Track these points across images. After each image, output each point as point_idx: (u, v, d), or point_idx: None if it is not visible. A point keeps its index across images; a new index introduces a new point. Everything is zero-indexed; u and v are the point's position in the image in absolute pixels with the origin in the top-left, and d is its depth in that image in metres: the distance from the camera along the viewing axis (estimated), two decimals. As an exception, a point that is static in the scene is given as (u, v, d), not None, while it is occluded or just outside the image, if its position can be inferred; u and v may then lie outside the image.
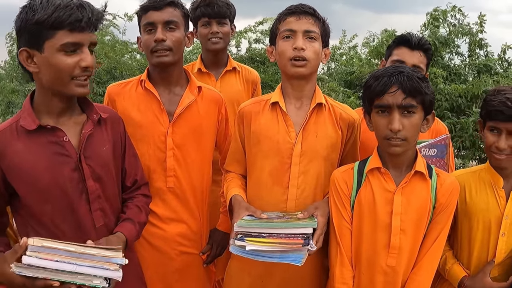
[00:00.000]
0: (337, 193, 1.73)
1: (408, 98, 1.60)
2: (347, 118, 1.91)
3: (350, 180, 1.73)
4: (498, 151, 1.74)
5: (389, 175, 1.69)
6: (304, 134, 1.85)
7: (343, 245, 1.72)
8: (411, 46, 2.24)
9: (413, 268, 1.70)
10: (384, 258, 1.67)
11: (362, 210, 1.70)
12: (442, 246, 1.71)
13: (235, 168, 2.04)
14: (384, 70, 1.66)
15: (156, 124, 2.02)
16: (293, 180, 1.84)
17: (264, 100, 1.95)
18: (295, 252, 1.55)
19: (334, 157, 1.90)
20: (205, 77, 2.66)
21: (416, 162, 1.70)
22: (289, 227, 1.59)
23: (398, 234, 1.65)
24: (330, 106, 1.92)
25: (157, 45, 1.96)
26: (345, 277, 1.70)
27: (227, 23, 2.67)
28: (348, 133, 1.92)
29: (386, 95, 1.61)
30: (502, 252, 1.78)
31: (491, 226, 1.78)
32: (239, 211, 1.76)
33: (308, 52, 1.79)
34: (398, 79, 1.60)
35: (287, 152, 1.85)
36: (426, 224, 1.68)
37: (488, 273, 1.77)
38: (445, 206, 1.68)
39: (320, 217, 1.70)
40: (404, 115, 1.62)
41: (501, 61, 5.15)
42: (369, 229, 1.69)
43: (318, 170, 1.85)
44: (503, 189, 1.79)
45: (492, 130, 1.77)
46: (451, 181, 1.72)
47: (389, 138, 1.62)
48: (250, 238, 1.58)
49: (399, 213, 1.66)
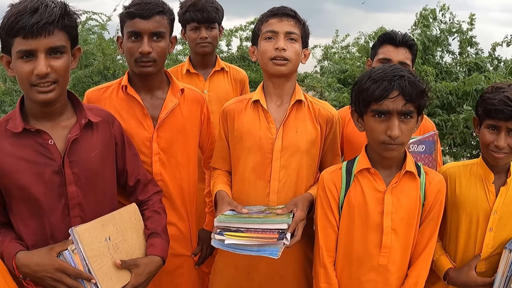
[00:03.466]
0: (325, 194, 1.76)
1: (408, 104, 1.59)
2: (326, 114, 1.98)
3: (338, 181, 1.76)
4: (497, 149, 1.74)
5: (379, 175, 1.71)
6: (284, 130, 1.93)
7: (327, 247, 1.75)
8: (395, 43, 2.29)
9: (410, 266, 1.73)
10: (376, 257, 1.70)
11: (352, 210, 1.72)
12: (435, 242, 1.76)
13: (221, 165, 2.10)
14: (382, 72, 1.62)
15: (140, 129, 2.00)
16: (274, 174, 1.92)
17: (246, 99, 2.02)
18: (272, 246, 1.63)
19: (314, 151, 1.97)
20: (194, 78, 2.72)
21: (406, 161, 1.72)
22: (265, 223, 1.68)
23: (389, 234, 1.69)
24: (310, 103, 1.99)
25: (142, 56, 1.92)
26: (329, 276, 1.75)
27: (215, 27, 2.72)
28: (327, 129, 1.99)
29: (387, 100, 1.58)
30: (489, 247, 1.81)
31: (479, 220, 1.81)
32: (222, 206, 1.84)
33: (289, 53, 1.87)
34: (399, 84, 1.58)
35: (269, 148, 1.92)
36: (417, 222, 1.72)
37: (473, 267, 1.80)
38: (434, 204, 1.71)
39: (298, 212, 1.77)
40: (402, 120, 1.61)
41: (491, 59, 5.19)
42: (360, 229, 1.72)
43: (298, 164, 1.93)
44: (493, 184, 1.82)
45: (490, 128, 1.77)
46: (439, 179, 1.75)
47: (386, 143, 1.62)
48: (229, 233, 1.68)
49: (390, 212, 1.68)
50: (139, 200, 1.86)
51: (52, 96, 1.54)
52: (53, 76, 1.52)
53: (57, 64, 1.52)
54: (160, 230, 1.79)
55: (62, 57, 1.54)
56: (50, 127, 1.61)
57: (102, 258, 1.55)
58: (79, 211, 1.64)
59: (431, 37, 4.61)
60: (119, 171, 1.83)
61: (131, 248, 1.68)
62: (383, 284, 1.70)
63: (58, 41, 1.52)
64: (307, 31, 1.98)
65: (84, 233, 1.51)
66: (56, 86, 1.55)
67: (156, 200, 1.89)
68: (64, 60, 1.55)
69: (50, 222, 1.60)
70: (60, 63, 1.53)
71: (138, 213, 1.78)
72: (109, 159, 1.75)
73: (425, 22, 4.61)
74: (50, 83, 1.52)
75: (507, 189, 1.81)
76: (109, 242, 1.59)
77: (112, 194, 1.80)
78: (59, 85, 1.55)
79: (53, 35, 1.50)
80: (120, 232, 1.65)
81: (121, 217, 1.69)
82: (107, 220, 1.62)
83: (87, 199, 1.66)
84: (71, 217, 1.63)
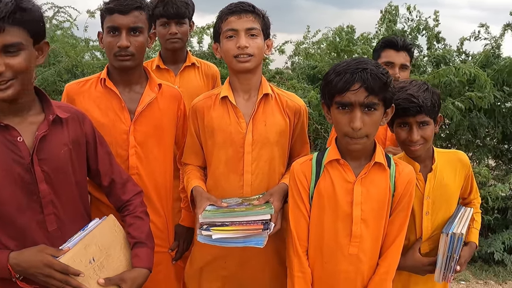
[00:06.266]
0: (296, 185, 1.78)
1: (371, 96, 1.60)
2: (293, 105, 2.04)
3: (308, 171, 1.78)
4: (413, 143, 1.84)
5: (348, 167, 1.74)
6: (254, 123, 1.97)
7: (299, 236, 1.78)
8: (397, 48, 2.51)
9: (381, 255, 1.77)
10: (346, 246, 1.73)
11: (322, 200, 1.75)
12: (405, 232, 1.79)
13: (193, 160, 2.12)
14: (346, 65, 1.65)
15: (118, 122, 2.04)
16: (247, 167, 1.96)
17: (214, 94, 2.04)
18: (257, 236, 1.70)
19: (284, 142, 2.02)
20: (164, 74, 2.71)
21: (375, 153, 1.74)
22: (249, 215, 1.73)
23: (359, 223, 1.71)
24: (277, 95, 2.04)
25: (120, 50, 1.97)
26: (303, 265, 1.77)
27: (185, 23, 2.71)
28: (295, 119, 2.04)
29: (348, 92, 1.60)
30: (429, 229, 1.92)
31: (414, 208, 1.88)
32: (201, 202, 1.85)
33: (251, 49, 1.91)
34: (361, 76, 1.59)
35: (240, 142, 1.96)
36: (387, 213, 1.75)
37: (417, 249, 1.90)
38: (404, 195, 1.74)
39: (276, 202, 1.83)
40: (365, 112, 1.63)
41: (459, 52, 5.32)
42: (330, 219, 1.74)
43: (270, 156, 1.98)
44: (420, 173, 1.91)
45: (402, 126, 1.88)
46: (409, 170, 1.78)
47: (351, 135, 1.64)
48: (215, 228, 1.71)
49: (360, 203, 1.71)
50: (122, 200, 1.86)
51: (9, 93, 1.50)
52: (8, 74, 1.48)
53: (13, 62, 1.48)
54: (144, 238, 1.78)
55: (18, 54, 1.48)
56: (18, 122, 1.58)
57: (89, 281, 1.56)
58: (53, 209, 1.62)
59: (397, 32, 4.71)
60: (92, 172, 1.82)
61: (116, 263, 1.69)
62: (355, 273, 1.73)
63: (12, 38, 1.46)
64: (267, 23, 2.01)
65: (69, 262, 1.51)
66: (14, 83, 1.50)
67: (137, 203, 1.87)
68: (22, 57, 1.49)
69: (23, 221, 1.58)
70: (17, 61, 1.48)
71: (117, 224, 1.77)
72: (80, 157, 1.73)
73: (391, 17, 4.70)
74: (6, 81, 1.48)
75: (434, 174, 1.92)
76: (94, 263, 1.59)
77: (84, 192, 1.79)
78: (18, 81, 1.51)
79: (5, 33, 1.44)
80: (103, 250, 1.65)
81: (102, 233, 1.68)
82: (89, 240, 1.61)
83: (59, 196, 1.64)
84: (45, 215, 1.61)
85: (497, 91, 4.56)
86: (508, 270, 4.50)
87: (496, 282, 4.31)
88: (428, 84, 1.91)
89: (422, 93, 1.83)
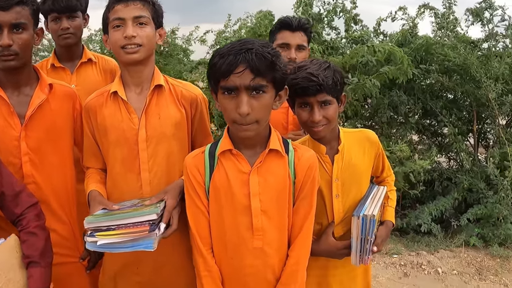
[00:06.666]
0: (189, 180, 1.66)
1: (257, 78, 1.48)
2: (189, 95, 1.93)
3: (201, 164, 1.66)
4: (315, 124, 1.76)
5: (242, 156, 1.62)
6: (147, 118, 1.85)
7: (201, 234, 1.67)
8: (292, 28, 2.41)
9: (290, 245, 1.68)
10: (250, 240, 1.62)
11: (219, 194, 1.63)
12: (313, 219, 1.71)
13: (93, 163, 1.99)
14: (230, 46, 1.52)
15: (7, 128, 1.88)
16: (143, 165, 1.85)
17: (106, 91, 1.91)
18: (145, 238, 1.57)
19: (182, 135, 1.91)
20: (60, 72, 2.56)
21: (270, 139, 1.64)
22: (134, 216, 1.59)
23: (259, 215, 1.60)
24: (171, 85, 1.93)
25: (3, 50, 1.82)
26: (208, 264, 1.66)
27: (78, 16, 2.54)
28: (192, 110, 1.93)
29: (233, 75, 1.47)
30: (340, 212, 1.86)
31: (323, 191, 1.82)
32: (93, 207, 1.74)
33: (139, 38, 1.79)
34: (245, 57, 1.46)
35: (133, 139, 1.84)
36: (289, 201, 1.65)
37: (330, 233, 1.84)
38: (306, 181, 1.65)
39: (169, 200, 1.71)
40: (253, 96, 1.50)
41: (377, 33, 5.42)
42: (229, 213, 1.63)
43: (167, 151, 1.87)
44: (327, 155, 1.84)
45: (303, 106, 1.78)
46: (309, 155, 1.68)
47: (239, 122, 1.52)
48: (101, 233, 1.58)
49: (257, 194, 1.60)
50: (15, 214, 1.73)
51: None
52: None
53: None
54: (37, 257, 1.67)
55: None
56: None
57: None
58: None
59: (313, 15, 4.71)
60: None
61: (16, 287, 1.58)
62: (264, 267, 1.64)
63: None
64: (159, 11, 1.89)
65: None
66: None
67: (31, 217, 1.74)
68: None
69: None
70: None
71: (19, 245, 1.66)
72: None
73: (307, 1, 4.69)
74: None
75: (342, 155, 1.85)
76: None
77: None
78: None
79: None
80: (3, 275, 1.54)
81: (2, 258, 1.56)
82: None
83: None
84: None
85: (415, 68, 4.69)
86: (439, 239, 4.66)
87: (428, 252, 4.44)
88: (331, 63, 1.83)
89: (323, 71, 1.73)
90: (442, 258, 4.33)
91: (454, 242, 4.60)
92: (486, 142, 5.46)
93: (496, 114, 4.81)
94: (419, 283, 3.97)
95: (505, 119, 5.23)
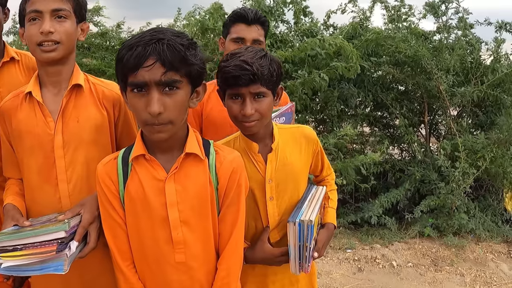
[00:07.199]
0: (102, 190, 1.48)
1: (170, 72, 1.30)
2: (111, 95, 1.75)
3: (114, 172, 1.48)
4: (246, 118, 1.58)
5: (156, 162, 1.45)
6: (64, 121, 1.67)
7: (120, 249, 1.50)
8: (247, 21, 2.21)
9: (220, 257, 1.53)
10: (171, 254, 1.46)
11: (134, 204, 1.46)
12: (243, 225, 1.56)
13: (13, 173, 1.79)
14: (139, 36, 1.33)
15: None
16: (61, 175, 1.66)
17: (22, 92, 1.73)
18: (54, 260, 1.39)
19: (105, 140, 1.73)
20: None
21: (187, 142, 1.47)
22: (40, 234, 1.41)
23: (179, 227, 1.45)
24: (92, 85, 1.75)
25: None
26: (129, 281, 1.50)
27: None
28: (115, 112, 1.76)
29: (141, 70, 1.29)
30: (275, 216, 1.72)
31: (255, 193, 1.69)
32: (5, 223, 1.55)
33: (58, 34, 1.62)
34: (156, 48, 1.28)
35: (49, 145, 1.66)
36: (213, 209, 1.50)
37: (265, 240, 1.69)
38: (230, 186, 1.49)
39: (85, 214, 1.53)
40: (165, 92, 1.32)
41: (326, 26, 5.37)
42: (147, 225, 1.46)
43: (87, 158, 1.69)
44: (260, 154, 1.69)
45: (233, 98, 1.60)
46: (232, 158, 1.52)
47: (150, 122, 1.34)
48: (6, 254, 1.39)
49: (175, 203, 1.44)
50: None
51: None
52: None
53: None
54: None
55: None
56: None
57: None
58: None
59: (264, 7, 4.59)
60: None
61: None
62: (191, 282, 1.49)
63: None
64: (82, 3, 1.72)
65: None
66: None
67: None
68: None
69: None
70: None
71: None
72: None
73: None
74: None
75: (276, 154, 1.70)
76: None
77: None
78: None
79: None
80: None
81: None
82: None
83: None
84: None
85: (365, 61, 4.65)
86: (393, 231, 4.65)
87: (382, 245, 4.42)
88: (268, 52, 1.68)
89: (258, 60, 1.56)
90: (397, 251, 4.32)
91: (409, 234, 4.61)
92: (438, 133, 5.51)
93: (448, 105, 4.84)
94: (373, 277, 3.93)
95: (456, 110, 5.28)
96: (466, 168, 4.32)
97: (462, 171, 4.33)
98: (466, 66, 4.88)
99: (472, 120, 5.22)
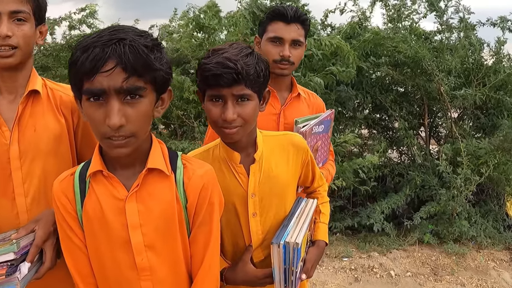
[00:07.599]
0: (58, 209, 1.32)
1: (132, 78, 1.13)
2: (69, 100, 1.61)
3: (70, 190, 1.31)
4: (227, 123, 1.41)
5: (116, 179, 1.29)
6: (20, 130, 1.53)
7: (81, 272, 1.33)
8: (287, 19, 2.03)
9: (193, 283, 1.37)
10: (136, 282, 1.30)
11: (92, 226, 1.29)
12: (218, 246, 1.40)
13: None
14: (97, 36, 1.15)
15: None
16: (18, 188, 1.52)
17: None
18: (5, 284, 1.26)
19: (64, 150, 1.59)
20: None
21: (149, 155, 1.30)
22: None
23: (144, 252, 1.29)
24: (50, 90, 1.61)
25: None
26: None
27: None
28: (74, 118, 1.63)
29: (99, 75, 1.11)
30: (259, 233, 1.56)
31: (237, 208, 1.52)
32: None
33: (15, 39, 1.48)
34: (116, 50, 1.11)
35: (5, 157, 1.51)
36: (182, 231, 1.34)
37: (248, 260, 1.52)
38: (201, 204, 1.33)
39: (39, 231, 1.39)
40: (127, 102, 1.15)
41: (324, 26, 5.21)
42: (107, 247, 1.30)
43: (45, 171, 1.55)
44: (241, 165, 1.52)
45: (214, 100, 1.42)
46: (203, 172, 1.35)
47: (108, 136, 1.17)
48: None
49: (138, 225, 1.28)
50: None
51: None
52: None
53: None
54: None
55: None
56: None
57: None
58: None
59: (261, 6, 4.43)
60: None
61: None
62: None
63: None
64: (42, 4, 1.58)
65: None
66: None
67: None
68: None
69: None
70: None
71: None
72: None
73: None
74: None
75: (260, 165, 1.53)
76: None
77: None
78: None
79: None
80: None
81: None
82: None
83: None
84: None
85: (364, 62, 4.50)
86: (392, 238, 4.50)
87: (380, 253, 4.27)
88: (255, 50, 1.49)
89: (243, 58, 1.38)
90: (395, 259, 4.17)
91: (408, 241, 4.46)
92: (438, 136, 5.36)
93: (448, 107, 4.70)
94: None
95: (457, 112, 5.13)
96: (468, 174, 4.18)
97: (464, 177, 4.18)
98: (468, 67, 4.72)
99: (473, 123, 5.07)
